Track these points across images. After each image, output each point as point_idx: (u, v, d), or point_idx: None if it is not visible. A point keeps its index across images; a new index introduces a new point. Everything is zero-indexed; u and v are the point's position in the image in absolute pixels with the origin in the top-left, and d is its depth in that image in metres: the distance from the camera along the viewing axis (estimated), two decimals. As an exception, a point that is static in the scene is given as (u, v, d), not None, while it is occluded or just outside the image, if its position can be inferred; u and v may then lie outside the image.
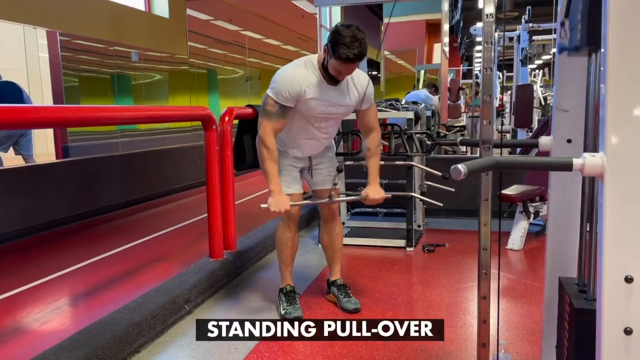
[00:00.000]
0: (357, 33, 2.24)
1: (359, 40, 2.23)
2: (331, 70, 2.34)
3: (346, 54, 2.23)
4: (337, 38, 2.24)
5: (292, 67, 2.43)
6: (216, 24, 9.15)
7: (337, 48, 2.23)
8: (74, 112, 2.66)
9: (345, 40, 2.22)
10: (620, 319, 1.10)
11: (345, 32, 2.23)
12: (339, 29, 2.25)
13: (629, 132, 1.08)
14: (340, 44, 2.23)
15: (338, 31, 2.25)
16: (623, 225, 1.09)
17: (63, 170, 4.74)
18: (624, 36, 1.07)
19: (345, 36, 2.22)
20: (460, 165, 1.09)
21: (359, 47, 2.23)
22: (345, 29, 2.24)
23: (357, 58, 2.26)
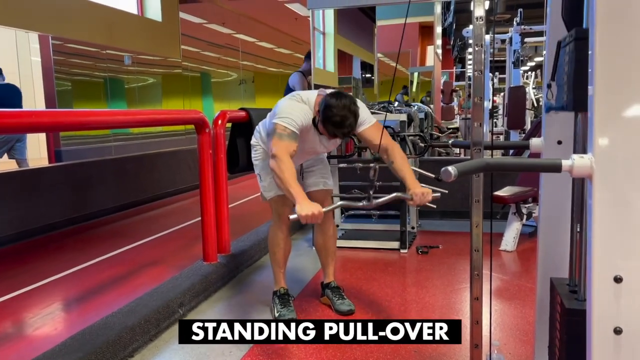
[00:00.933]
0: (347, 111, 2.23)
1: (349, 119, 2.24)
2: (320, 130, 2.40)
3: (334, 132, 2.29)
4: (328, 115, 2.25)
5: (294, 102, 2.42)
6: (209, 27, 9.15)
7: (327, 124, 2.28)
8: (66, 116, 2.65)
9: (336, 118, 2.24)
10: (610, 319, 1.11)
11: (336, 110, 2.23)
12: (332, 103, 2.24)
13: (616, 133, 1.09)
14: (330, 122, 2.26)
15: (330, 106, 2.24)
16: (612, 226, 1.10)
17: (55, 174, 4.72)
18: (611, 38, 1.08)
19: (336, 114, 2.23)
20: (450, 167, 1.10)
21: (349, 127, 2.27)
22: (337, 103, 2.23)
23: (345, 136, 2.35)
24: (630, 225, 1.10)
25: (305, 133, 2.42)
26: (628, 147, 1.08)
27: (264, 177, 2.63)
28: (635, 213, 1.09)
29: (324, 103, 2.28)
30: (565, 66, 1.23)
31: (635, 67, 1.08)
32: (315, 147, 2.53)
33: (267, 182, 2.62)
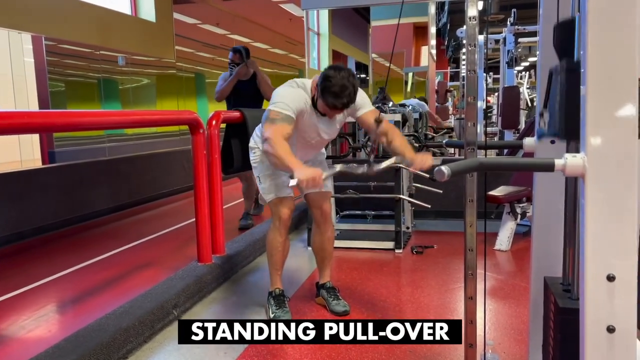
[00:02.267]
0: (347, 81, 2.23)
1: (348, 89, 2.24)
2: (319, 107, 2.39)
3: (334, 103, 2.27)
4: (326, 85, 2.25)
5: (292, 87, 2.43)
6: (203, 27, 9.13)
7: (326, 95, 2.26)
8: (59, 117, 2.64)
9: (335, 88, 2.23)
10: (603, 317, 1.11)
11: (335, 80, 2.23)
12: (330, 74, 2.25)
13: (608, 132, 1.09)
14: (329, 92, 2.25)
15: (328, 77, 2.25)
16: (604, 225, 1.11)
17: (49, 175, 4.70)
18: (602, 38, 1.08)
19: (335, 84, 2.23)
20: (444, 167, 1.10)
21: (348, 97, 2.25)
22: (335, 74, 2.24)
23: (345, 107, 2.31)
24: (623, 224, 1.10)
25: (304, 118, 2.41)
26: (620, 146, 1.09)
27: (263, 180, 2.62)
28: (628, 212, 1.10)
29: (322, 75, 2.29)
30: (557, 96, 1.24)
31: (626, 67, 1.08)
32: (317, 132, 2.49)
33: (266, 184, 2.60)
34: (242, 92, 4.40)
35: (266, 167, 2.60)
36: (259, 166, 2.62)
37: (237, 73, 4.35)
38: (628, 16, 1.07)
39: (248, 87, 4.40)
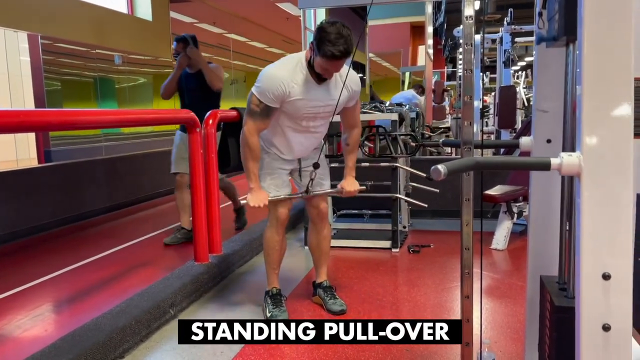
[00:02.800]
0: (342, 30, 2.22)
1: (345, 36, 2.21)
2: (317, 68, 2.32)
3: (331, 51, 2.20)
4: (322, 35, 2.22)
5: (278, 67, 2.41)
6: (200, 26, 9.12)
7: (323, 46, 2.22)
8: (55, 115, 2.63)
9: (331, 37, 2.20)
10: (598, 316, 1.12)
11: (330, 29, 2.21)
12: (324, 26, 2.24)
13: (604, 131, 1.10)
14: (325, 42, 2.21)
15: (323, 28, 2.23)
16: (600, 224, 1.11)
17: (45, 175, 4.68)
18: (599, 38, 1.09)
19: (330, 33, 2.20)
20: (440, 166, 1.10)
21: (345, 44, 2.21)
22: (330, 25, 2.23)
23: (343, 55, 2.24)
24: (618, 223, 1.11)
25: (297, 94, 2.36)
26: (616, 145, 1.10)
27: (263, 178, 2.59)
28: (623, 211, 1.10)
29: (317, 29, 2.28)
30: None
31: (623, 67, 1.09)
32: (312, 109, 2.43)
33: (265, 183, 2.58)
34: (192, 87, 3.89)
35: (266, 163, 2.59)
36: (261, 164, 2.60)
37: (179, 65, 3.87)
38: (624, 15, 1.07)
39: (198, 81, 3.85)
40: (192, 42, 3.87)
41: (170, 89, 3.95)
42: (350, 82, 2.44)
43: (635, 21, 1.36)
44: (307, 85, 2.37)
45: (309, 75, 2.37)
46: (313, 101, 2.41)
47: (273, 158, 2.58)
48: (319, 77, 2.36)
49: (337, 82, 2.42)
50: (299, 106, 2.40)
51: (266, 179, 2.57)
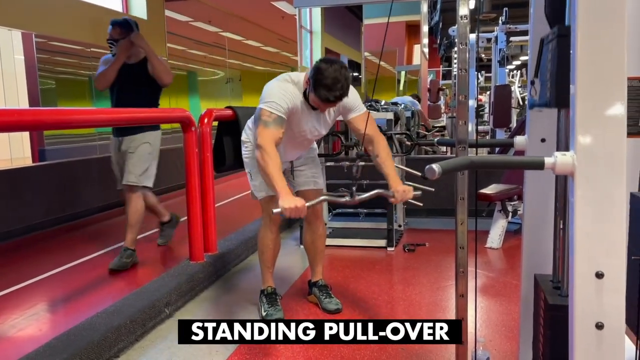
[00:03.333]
0: (339, 74, 2.20)
1: (341, 81, 2.21)
2: (311, 101, 2.35)
3: (327, 96, 2.22)
4: (318, 78, 2.22)
5: (282, 83, 2.39)
6: (195, 25, 9.10)
7: (319, 88, 2.22)
8: (48, 114, 2.62)
9: (327, 81, 2.19)
10: (591, 314, 1.12)
11: (327, 73, 2.20)
12: (322, 66, 2.22)
13: (597, 131, 1.10)
14: (322, 85, 2.21)
15: (320, 69, 2.21)
16: (593, 223, 1.12)
17: (39, 174, 4.66)
18: (592, 38, 1.09)
19: (327, 77, 2.19)
20: (434, 165, 1.10)
21: (341, 90, 2.22)
22: (328, 66, 2.21)
23: (338, 100, 2.26)
24: (611, 222, 1.11)
25: (296, 114, 2.38)
26: (609, 144, 1.10)
27: (255, 176, 2.60)
28: (616, 210, 1.11)
29: (314, 68, 2.25)
30: (548, 63, 1.25)
31: (616, 66, 1.09)
32: (308, 129, 2.46)
33: (257, 181, 2.59)
34: (128, 81, 3.37)
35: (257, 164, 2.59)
36: (251, 161, 2.60)
37: (122, 50, 3.33)
38: (617, 14, 1.08)
39: (138, 73, 3.38)
40: (135, 25, 3.41)
41: (110, 77, 3.34)
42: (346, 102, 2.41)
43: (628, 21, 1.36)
44: (302, 111, 2.39)
45: (303, 101, 2.38)
46: (306, 125, 2.44)
47: None
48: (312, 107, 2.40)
49: (329, 110, 2.46)
50: (295, 123, 2.42)
51: (258, 177, 2.56)
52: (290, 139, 2.49)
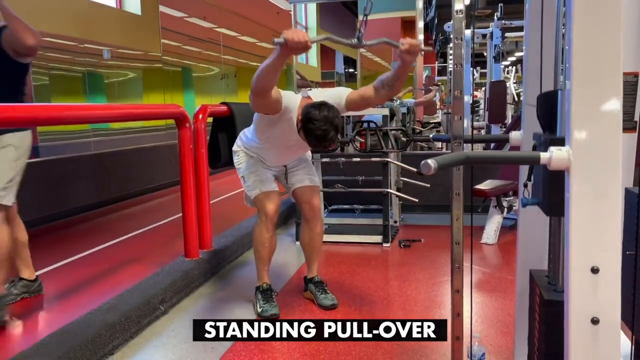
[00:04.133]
0: (329, 126, 2.22)
1: (330, 134, 2.24)
2: (301, 136, 2.36)
3: (316, 145, 2.33)
4: (309, 127, 2.25)
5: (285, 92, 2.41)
6: (190, 21, 9.05)
7: (309, 136, 2.28)
8: (42, 110, 2.60)
9: (318, 133, 2.24)
10: (587, 309, 1.12)
11: (318, 124, 2.22)
12: (313, 115, 2.23)
13: (593, 126, 1.10)
14: (311, 135, 2.26)
15: (311, 119, 2.24)
16: (588, 218, 1.11)
17: (33, 170, 4.62)
18: (588, 32, 1.09)
19: (317, 128, 2.23)
20: (430, 160, 1.09)
21: (330, 141, 2.28)
22: (319, 116, 2.22)
23: (326, 149, 2.38)
24: (607, 217, 1.11)
25: (288, 126, 2.39)
26: (605, 139, 1.10)
27: (247, 177, 2.62)
28: (612, 205, 1.11)
29: (306, 114, 2.26)
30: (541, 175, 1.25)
31: (611, 61, 1.09)
32: (298, 142, 2.48)
33: (250, 181, 2.60)
34: None
35: (250, 164, 2.62)
36: (242, 166, 2.66)
37: None
38: (613, 9, 1.08)
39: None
40: None
41: None
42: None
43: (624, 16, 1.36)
44: (292, 127, 2.40)
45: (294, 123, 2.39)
46: (294, 140, 2.45)
47: (257, 160, 2.63)
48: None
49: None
50: (287, 131, 2.42)
51: (251, 177, 2.59)
52: (280, 143, 2.51)
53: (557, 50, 1.45)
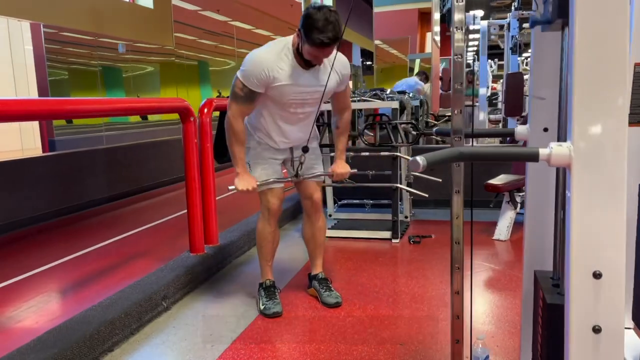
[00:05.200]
0: (329, 15, 2.14)
1: (332, 22, 2.13)
2: (306, 55, 2.25)
3: (320, 38, 2.14)
4: (309, 22, 2.14)
5: (264, 51, 2.33)
6: (204, 14, 9.03)
7: (310, 33, 2.14)
8: (46, 104, 2.58)
9: (318, 24, 2.12)
10: (588, 317, 1.05)
11: (317, 16, 2.13)
12: (311, 12, 2.16)
13: (596, 120, 1.02)
14: (313, 29, 2.13)
15: (310, 15, 2.15)
16: (591, 219, 1.04)
17: (45, 164, 4.66)
18: (592, 18, 1.01)
19: (318, 20, 2.12)
20: (419, 157, 1.03)
21: (333, 30, 2.14)
22: (317, 11, 2.15)
23: (331, 42, 2.17)
24: (611, 218, 1.03)
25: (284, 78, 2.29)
26: (609, 135, 1.02)
27: (253, 167, 2.55)
28: (616, 205, 1.03)
29: (303, 15, 2.20)
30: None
31: (617, 51, 1.01)
32: (300, 96, 2.36)
33: (256, 172, 2.53)
34: None
35: (256, 154, 2.54)
36: (249, 152, 2.55)
37: None
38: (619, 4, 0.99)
39: None
40: None
41: None
42: (340, 66, 2.38)
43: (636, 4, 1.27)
44: (294, 71, 2.30)
45: (294, 60, 2.30)
46: (300, 87, 2.34)
47: (264, 148, 2.52)
48: (306, 63, 2.29)
49: (325, 67, 2.35)
50: (284, 92, 2.33)
51: (257, 169, 2.51)
52: (282, 114, 2.43)
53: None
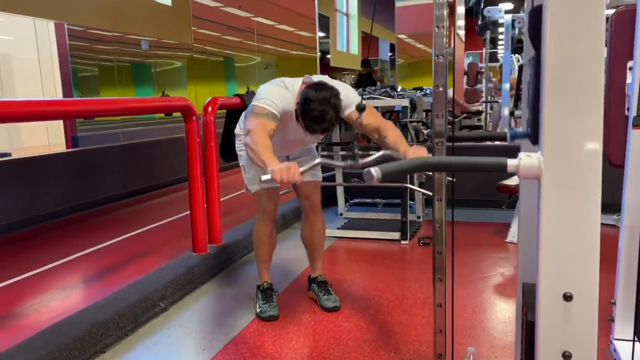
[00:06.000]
0: (327, 106, 2.08)
1: (328, 115, 2.10)
2: (300, 123, 2.22)
3: (313, 128, 2.16)
4: (306, 108, 2.12)
5: (277, 87, 2.28)
6: (226, 10, 9.05)
7: (305, 118, 2.14)
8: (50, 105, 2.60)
9: (314, 114, 2.10)
10: (557, 342, 0.97)
11: (314, 105, 2.09)
12: (310, 96, 2.10)
13: (568, 129, 0.93)
14: (308, 116, 2.12)
15: (308, 99, 2.10)
16: (561, 236, 0.96)
17: (62, 161, 4.74)
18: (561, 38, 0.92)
19: (315, 109, 2.09)
20: (373, 169, 0.95)
21: (328, 123, 2.13)
22: (316, 96, 2.09)
23: (324, 132, 2.22)
24: (583, 236, 0.95)
25: (288, 121, 2.27)
26: (582, 145, 0.93)
27: (248, 169, 2.53)
28: (589, 221, 0.94)
29: (303, 96, 2.14)
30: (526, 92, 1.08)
31: (586, 66, 0.92)
32: (299, 137, 2.37)
33: (251, 174, 2.51)
34: None
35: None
36: (244, 154, 2.52)
37: None
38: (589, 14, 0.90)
39: None
40: None
41: None
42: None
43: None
44: (293, 119, 2.26)
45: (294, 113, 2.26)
46: (297, 134, 2.31)
47: None
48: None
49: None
50: (288, 127, 2.30)
51: (251, 170, 2.48)
52: (282, 140, 2.38)
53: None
